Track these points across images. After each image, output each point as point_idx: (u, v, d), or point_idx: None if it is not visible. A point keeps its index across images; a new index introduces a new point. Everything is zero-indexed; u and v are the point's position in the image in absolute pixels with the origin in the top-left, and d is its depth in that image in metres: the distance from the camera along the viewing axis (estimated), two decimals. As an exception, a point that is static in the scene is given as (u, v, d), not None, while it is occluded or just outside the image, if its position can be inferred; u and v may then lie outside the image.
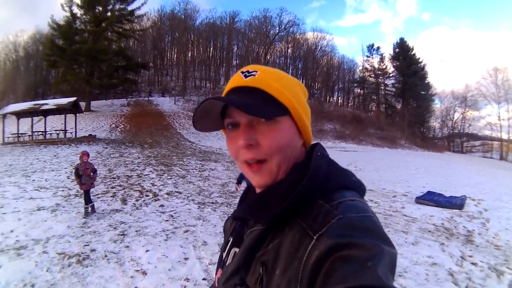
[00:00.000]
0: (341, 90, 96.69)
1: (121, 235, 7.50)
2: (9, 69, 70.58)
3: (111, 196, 11.14)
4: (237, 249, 0.98)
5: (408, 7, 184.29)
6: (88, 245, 6.86)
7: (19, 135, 28.19)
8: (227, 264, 0.99)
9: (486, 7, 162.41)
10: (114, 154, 21.16)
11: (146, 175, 15.04)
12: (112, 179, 13.75)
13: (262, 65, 0.97)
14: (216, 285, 1.04)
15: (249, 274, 0.85)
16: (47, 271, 5.54)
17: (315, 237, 0.71)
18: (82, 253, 6.36)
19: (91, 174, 9.30)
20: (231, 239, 1.06)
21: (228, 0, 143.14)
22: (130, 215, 9.10)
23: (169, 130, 37.40)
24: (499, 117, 77.43)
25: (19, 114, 29.46)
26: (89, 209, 9.03)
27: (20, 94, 63.82)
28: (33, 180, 12.73)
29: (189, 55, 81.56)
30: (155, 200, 10.79)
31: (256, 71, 0.92)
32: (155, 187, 12.75)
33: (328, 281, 0.63)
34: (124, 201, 10.56)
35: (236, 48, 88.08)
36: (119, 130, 35.53)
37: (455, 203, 11.79)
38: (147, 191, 12.07)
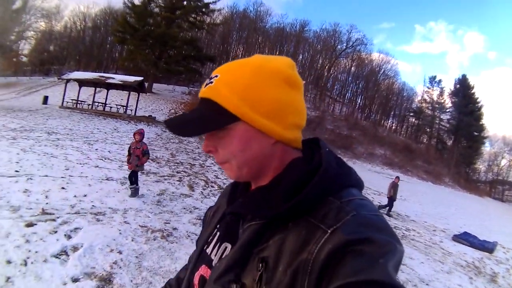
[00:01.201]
0: (396, 116, 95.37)
1: (199, 219, 7.78)
2: (75, 37, 72.44)
3: (177, 180, 11.34)
4: (228, 244, 0.96)
5: (476, 43, 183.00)
6: (168, 223, 7.12)
7: (79, 102, 28.98)
8: (216, 260, 0.96)
9: None
10: (174, 139, 21.49)
11: (208, 166, 15.33)
12: (176, 164, 14.02)
13: (231, 62, 0.95)
14: (196, 283, 1.01)
15: (246, 270, 0.82)
16: (132, 240, 5.76)
17: (329, 231, 0.72)
18: (165, 230, 6.62)
19: (140, 155, 8.85)
20: (218, 233, 1.04)
21: (301, 8, 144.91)
22: (201, 202, 9.32)
23: (226, 126, 37.57)
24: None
25: (82, 82, 30.02)
26: (133, 189, 8.53)
27: (82, 63, 65.97)
28: (96, 149, 13.02)
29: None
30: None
31: (216, 76, 0.91)
32: (219, 180, 13.04)
33: (339, 273, 0.65)
34: (191, 188, 10.77)
35: (301, 57, 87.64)
36: None
37: (487, 247, 12.90)
38: (212, 182, 12.36)
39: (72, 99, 28.67)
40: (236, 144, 0.87)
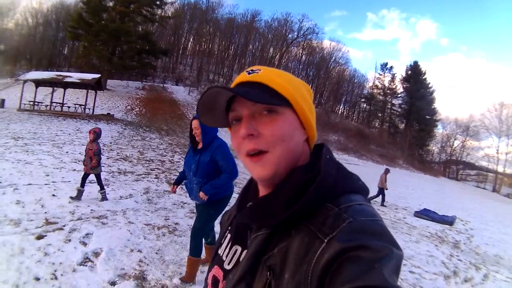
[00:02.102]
0: (347, 103, 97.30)
1: (193, 212, 7.88)
2: (25, 35, 69.53)
3: (155, 178, 11.46)
4: (238, 247, 0.99)
5: (428, 30, 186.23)
6: (168, 219, 7.30)
7: (37, 103, 28.22)
8: (227, 261, 1.00)
9: (505, 39, 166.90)
10: (136, 136, 21.54)
11: (177, 161, 15.51)
12: (147, 162, 14.13)
13: (267, 66, 0.99)
14: (210, 282, 1.05)
15: (256, 279, 0.84)
16: (145, 238, 5.90)
17: (325, 240, 0.72)
18: (169, 226, 6.81)
19: (92, 156, 8.05)
20: (229, 235, 1.07)
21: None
22: (186, 197, 9.21)
23: (183, 119, 37.37)
24: (497, 150, 79.44)
25: (39, 83, 29.40)
26: (79, 192, 7.74)
27: (34, 62, 63.67)
28: (67, 152, 12.85)
29: (205, 47, 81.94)
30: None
31: (260, 69, 0.95)
32: (192, 173, 13.29)
33: (336, 281, 0.66)
34: (170, 184, 10.78)
35: (251, 47, 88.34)
36: (135, 112, 35.81)
37: (447, 220, 14.54)
38: (186, 177, 12.60)
39: (29, 101, 28.04)
40: (286, 128, 0.88)
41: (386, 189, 16.66)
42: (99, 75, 31.42)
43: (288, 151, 0.88)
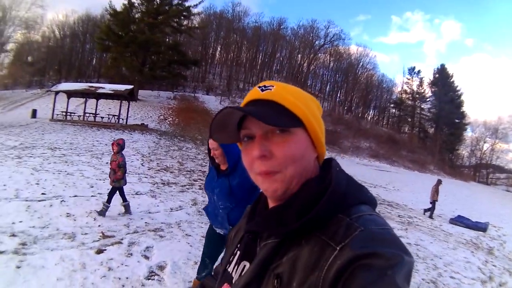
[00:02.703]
0: (376, 108, 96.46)
1: None
2: (53, 47, 70.93)
3: (199, 189, 11.37)
4: (247, 263, 0.98)
5: (453, 31, 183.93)
6: None
7: (69, 113, 28.53)
8: (236, 278, 1.00)
9: None
10: (172, 147, 21.59)
11: None
12: (188, 172, 14.10)
13: (279, 81, 1.00)
14: None
15: (262, 287, 0.85)
16: None
17: (338, 248, 0.73)
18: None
19: (116, 168, 7.61)
20: (239, 252, 1.06)
21: (275, 5, 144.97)
22: None
23: (216, 129, 37.36)
24: (527, 152, 77.38)
25: (71, 94, 29.83)
26: (104, 207, 7.24)
27: (63, 73, 65.39)
28: (106, 163, 12.50)
29: (233, 56, 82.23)
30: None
31: (273, 86, 0.95)
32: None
33: (349, 287, 0.67)
34: None
35: (279, 55, 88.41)
36: (168, 122, 36.00)
37: (480, 227, 14.61)
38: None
39: (61, 111, 28.38)
40: (298, 149, 0.89)
41: (436, 200, 16.51)
42: (132, 86, 31.77)
43: (299, 170, 0.90)
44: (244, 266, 0.98)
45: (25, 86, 56.08)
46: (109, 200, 7.35)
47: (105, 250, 5.33)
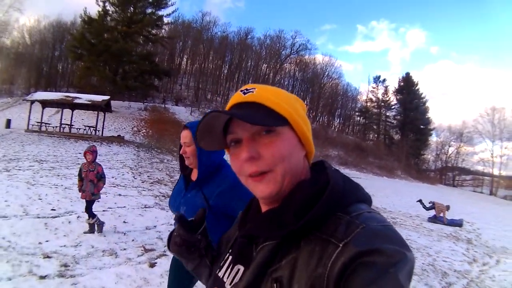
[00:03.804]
0: (341, 116, 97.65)
1: None
2: (22, 53, 68.52)
3: None
4: (241, 266, 0.97)
5: (418, 39, 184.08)
6: None
7: (45, 124, 28.02)
8: (228, 282, 0.98)
9: (495, 43, 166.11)
10: (153, 159, 21.59)
11: None
12: None
13: (260, 84, 1.00)
14: None
15: None
16: None
17: (341, 245, 0.73)
18: None
19: (95, 179, 7.05)
20: (231, 257, 1.05)
21: (243, 14, 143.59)
22: None
23: (189, 141, 36.94)
24: (492, 154, 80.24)
25: (47, 103, 29.50)
26: (95, 224, 6.84)
27: (33, 82, 63.64)
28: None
29: (200, 66, 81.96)
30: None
31: (254, 88, 0.95)
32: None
33: (352, 284, 0.67)
34: None
35: (245, 65, 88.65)
36: (142, 134, 35.88)
37: (457, 223, 16.25)
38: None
39: (36, 122, 27.88)
40: (286, 148, 0.89)
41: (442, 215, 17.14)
42: (109, 97, 31.61)
43: (290, 168, 0.89)
44: (238, 270, 0.97)
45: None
46: (92, 215, 6.84)
47: (156, 263, 5.41)
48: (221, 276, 1.02)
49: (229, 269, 1.01)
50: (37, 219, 7.12)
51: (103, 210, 8.42)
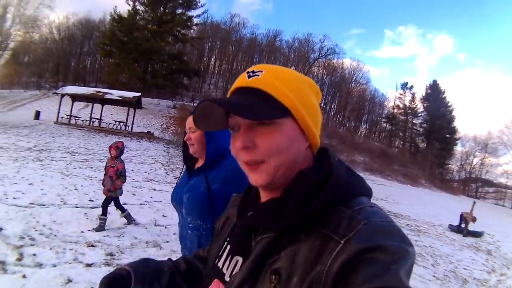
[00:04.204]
0: (368, 122, 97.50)
1: None
2: (50, 49, 70.04)
3: None
4: (239, 258, 0.94)
5: (445, 45, 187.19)
6: None
7: (74, 117, 28.34)
8: (228, 273, 0.95)
9: None
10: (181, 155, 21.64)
11: None
12: None
13: (271, 64, 0.95)
14: None
15: (259, 283, 0.81)
16: None
17: (342, 241, 0.71)
18: None
19: (114, 176, 6.87)
20: (229, 246, 1.02)
21: (272, 18, 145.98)
22: None
23: (216, 139, 37.11)
24: (516, 166, 77.75)
25: (77, 97, 29.67)
26: (102, 222, 6.49)
27: (61, 76, 64.81)
28: (133, 170, 12.57)
29: (228, 67, 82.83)
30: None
31: (261, 71, 0.90)
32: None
33: (353, 281, 0.65)
34: None
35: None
36: (171, 131, 35.97)
37: (477, 234, 16.51)
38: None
39: (66, 114, 28.14)
40: (283, 141, 0.85)
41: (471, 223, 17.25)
42: (139, 94, 31.72)
43: (286, 161, 0.86)
44: (237, 261, 0.95)
45: (23, 87, 55.52)
46: (104, 212, 6.63)
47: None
48: (220, 267, 1.00)
49: (227, 260, 0.99)
50: (75, 208, 7.22)
51: (140, 203, 8.55)
